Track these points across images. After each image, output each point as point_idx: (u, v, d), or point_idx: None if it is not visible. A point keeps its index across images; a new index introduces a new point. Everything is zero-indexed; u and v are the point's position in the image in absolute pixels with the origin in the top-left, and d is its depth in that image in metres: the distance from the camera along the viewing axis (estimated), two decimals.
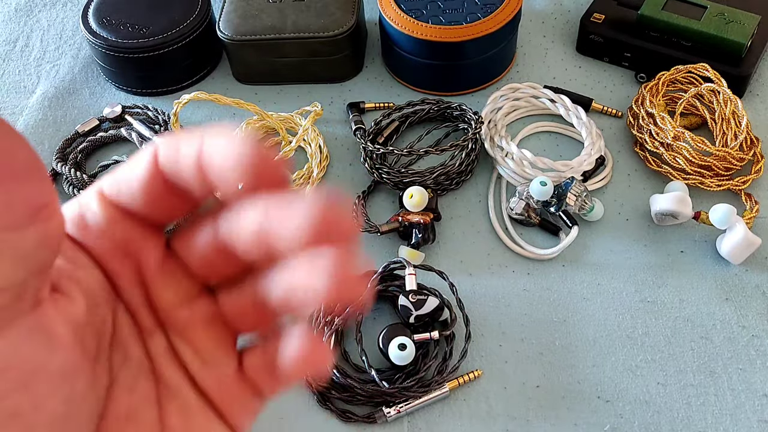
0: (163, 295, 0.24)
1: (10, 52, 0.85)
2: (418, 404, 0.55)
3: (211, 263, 0.24)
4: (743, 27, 0.70)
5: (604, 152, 0.69)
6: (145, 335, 0.24)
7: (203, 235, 0.24)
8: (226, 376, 0.25)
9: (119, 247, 0.23)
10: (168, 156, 0.22)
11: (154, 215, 0.23)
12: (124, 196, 0.23)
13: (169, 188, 0.23)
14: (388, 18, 0.72)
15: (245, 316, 0.25)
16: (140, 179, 0.23)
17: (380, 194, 0.69)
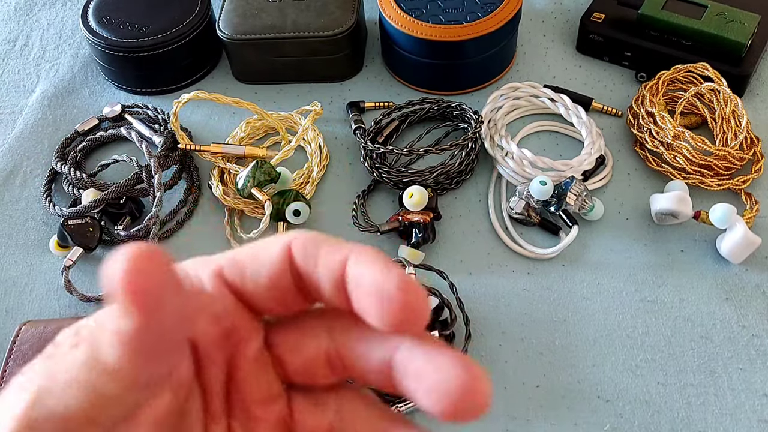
0: (247, 388, 0.24)
1: (10, 51, 0.85)
2: None
3: (313, 370, 0.24)
4: (743, 26, 0.70)
5: (604, 151, 0.69)
6: (209, 419, 0.24)
7: (314, 341, 0.23)
8: None
9: (223, 334, 0.23)
10: (306, 257, 0.22)
11: (271, 309, 0.23)
12: (247, 286, 0.22)
13: (297, 285, 0.22)
14: (387, 17, 0.72)
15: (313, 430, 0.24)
16: (271, 271, 0.22)
17: (380, 194, 0.69)
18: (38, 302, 0.63)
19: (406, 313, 0.20)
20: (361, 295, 0.20)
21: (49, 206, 0.68)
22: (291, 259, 0.22)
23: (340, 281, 0.21)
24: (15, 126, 0.76)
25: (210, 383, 0.23)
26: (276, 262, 0.22)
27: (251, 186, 0.64)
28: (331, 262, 0.21)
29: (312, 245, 0.22)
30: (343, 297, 0.21)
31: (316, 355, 0.23)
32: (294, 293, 0.22)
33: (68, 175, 0.68)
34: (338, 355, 0.23)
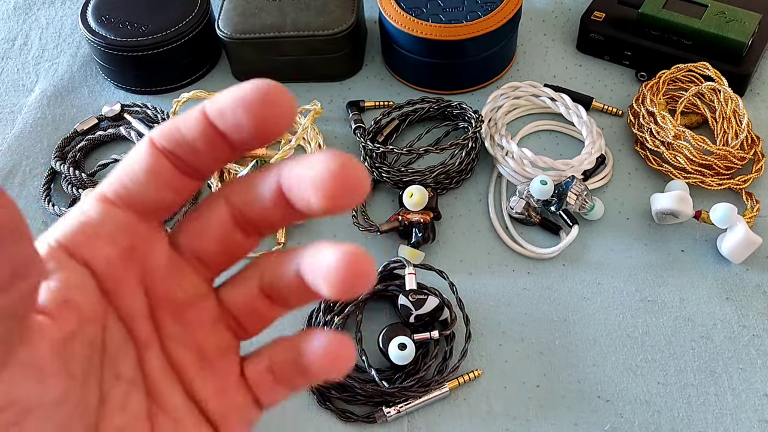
0: (172, 295, 0.24)
1: (9, 51, 0.84)
2: (418, 404, 0.55)
3: (229, 244, 0.24)
4: (744, 26, 0.70)
5: (605, 151, 0.69)
6: (139, 348, 0.24)
7: (214, 215, 0.24)
8: (226, 384, 0.25)
9: (124, 252, 0.23)
10: (168, 130, 0.22)
11: (164, 199, 0.23)
12: (131, 189, 0.23)
13: (174, 166, 0.22)
14: (387, 16, 0.72)
15: (251, 310, 0.25)
16: (145, 165, 0.22)
17: (380, 193, 0.69)
18: None
19: (268, 106, 0.21)
20: (224, 112, 0.21)
21: (49, 206, 0.68)
22: (155, 145, 0.22)
23: (203, 121, 0.21)
24: (14, 125, 0.76)
25: (127, 308, 0.23)
26: (145, 153, 0.22)
27: None
28: (190, 116, 0.22)
29: (169, 122, 0.22)
30: (214, 135, 0.22)
31: (224, 225, 0.24)
32: (176, 174, 0.22)
33: (67, 175, 0.68)
34: (240, 213, 0.23)
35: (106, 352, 0.23)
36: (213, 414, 0.25)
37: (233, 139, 0.21)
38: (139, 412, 0.23)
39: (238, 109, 0.21)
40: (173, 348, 0.24)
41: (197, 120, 0.22)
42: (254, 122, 0.21)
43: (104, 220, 0.23)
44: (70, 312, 0.22)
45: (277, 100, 0.21)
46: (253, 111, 0.21)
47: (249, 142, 0.21)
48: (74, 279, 0.22)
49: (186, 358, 0.24)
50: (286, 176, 0.22)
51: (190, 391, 0.24)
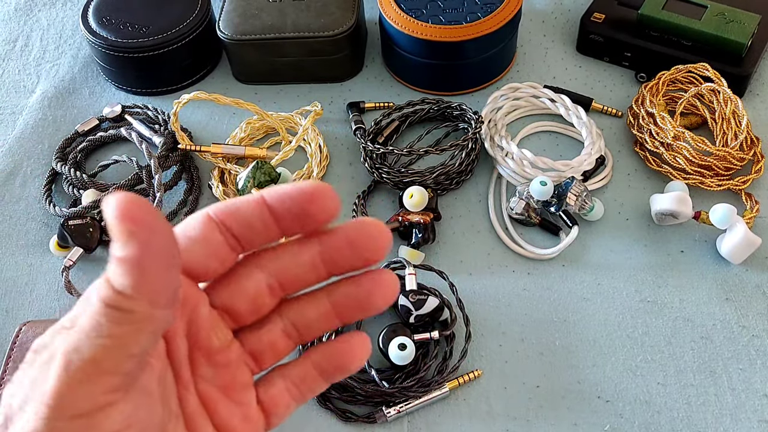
0: (210, 343, 0.27)
1: (10, 52, 0.85)
2: (418, 404, 0.55)
3: (259, 305, 0.28)
4: (743, 26, 0.70)
5: (604, 152, 0.69)
6: (181, 388, 0.27)
7: (251, 280, 0.28)
8: (248, 413, 0.29)
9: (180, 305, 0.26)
10: (227, 207, 0.26)
11: (209, 267, 0.27)
12: (183, 253, 0.26)
13: (224, 238, 0.26)
14: (388, 17, 0.72)
15: (271, 350, 0.29)
16: (200, 235, 0.26)
17: (380, 194, 0.69)
18: (38, 303, 0.63)
19: (321, 200, 0.25)
20: (284, 200, 0.26)
21: (49, 206, 0.68)
22: (212, 218, 0.26)
23: (262, 204, 0.26)
24: (15, 126, 0.77)
25: (176, 354, 0.27)
26: (201, 226, 0.26)
27: (251, 186, 0.64)
28: (249, 199, 0.26)
29: (229, 201, 0.27)
30: (269, 217, 0.26)
31: (258, 290, 0.28)
32: (225, 246, 0.26)
33: (68, 176, 0.68)
34: (275, 279, 0.28)
35: (165, 390, 0.27)
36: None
37: (285, 223, 0.26)
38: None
39: (299, 197, 0.26)
40: (205, 388, 0.28)
41: (257, 202, 0.26)
42: (308, 212, 0.26)
43: None
44: (158, 354, 0.25)
45: (330, 198, 0.26)
46: (310, 202, 0.26)
47: (296, 228, 0.26)
48: None
49: (215, 395, 0.28)
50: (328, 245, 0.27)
51: (219, 423, 0.28)
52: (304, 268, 0.27)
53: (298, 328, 0.29)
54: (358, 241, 0.27)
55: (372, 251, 0.27)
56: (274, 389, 0.29)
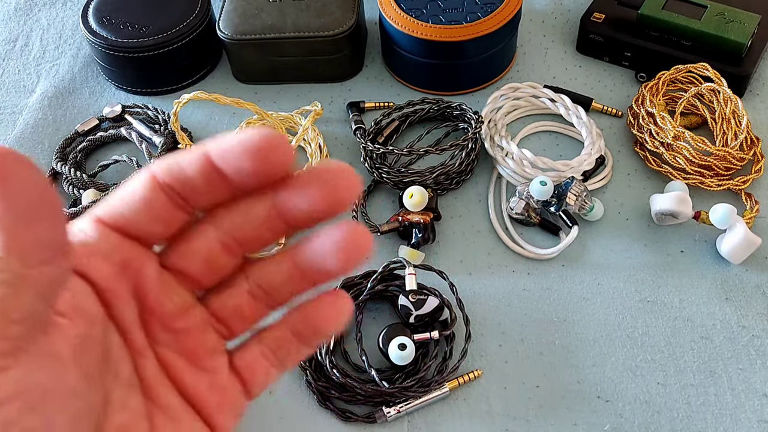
0: (162, 307, 0.25)
1: (10, 52, 0.85)
2: (418, 404, 0.55)
3: (214, 264, 0.26)
4: (743, 26, 0.70)
5: (604, 152, 0.69)
6: (135, 354, 0.25)
7: (203, 239, 0.25)
8: (217, 381, 0.27)
9: (118, 268, 0.25)
10: (169, 167, 0.24)
11: (154, 230, 0.25)
12: (125, 216, 0.24)
13: (170, 200, 0.24)
14: (388, 17, 0.72)
15: (239, 313, 0.27)
16: (142, 196, 0.24)
17: (380, 194, 0.69)
18: None
19: (268, 152, 0.22)
20: (228, 154, 0.23)
21: None
22: (155, 178, 0.24)
23: (205, 161, 0.23)
24: (15, 126, 0.77)
25: (123, 318, 0.25)
26: (144, 186, 0.24)
27: None
28: (192, 155, 0.24)
29: (171, 158, 0.24)
30: (214, 175, 0.23)
31: (210, 248, 0.25)
32: (170, 207, 0.24)
33: (68, 176, 0.68)
34: (229, 236, 0.25)
35: (108, 356, 0.25)
36: (206, 409, 0.27)
37: (233, 180, 0.23)
38: (138, 412, 0.25)
39: (242, 155, 0.23)
40: (165, 354, 0.26)
41: (200, 159, 0.23)
42: (255, 167, 0.23)
43: (99, 239, 0.24)
44: (81, 316, 0.23)
45: (279, 148, 0.23)
46: (256, 156, 0.23)
47: (247, 183, 0.23)
48: (80, 288, 0.24)
49: (177, 362, 0.26)
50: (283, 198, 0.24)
51: (184, 391, 0.26)
52: (259, 223, 0.25)
53: (265, 290, 0.26)
54: (311, 188, 0.24)
55: (329, 198, 0.24)
56: (249, 355, 0.27)
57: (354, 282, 0.61)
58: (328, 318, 0.26)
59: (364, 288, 0.60)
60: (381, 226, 0.63)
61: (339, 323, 0.26)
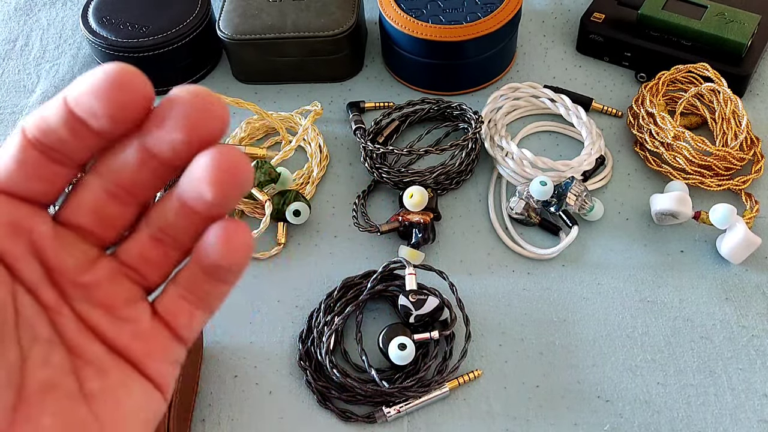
0: (64, 263, 0.25)
1: (10, 52, 0.85)
2: (418, 404, 0.55)
3: (105, 215, 0.25)
4: (743, 27, 0.70)
5: (604, 152, 0.69)
6: (50, 312, 0.25)
7: (88, 190, 0.25)
8: (140, 328, 0.26)
9: (7, 228, 0.24)
10: (36, 119, 0.23)
11: (35, 188, 0.24)
12: (2, 178, 0.24)
13: (44, 155, 0.23)
14: (388, 17, 0.72)
15: (146, 260, 0.26)
16: (13, 155, 0.23)
17: (380, 194, 0.69)
18: None
19: (117, 90, 0.21)
20: (79, 99, 0.21)
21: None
22: (24, 135, 0.23)
23: (64, 109, 0.22)
24: (15, 126, 0.77)
25: (27, 277, 0.24)
26: (13, 145, 0.23)
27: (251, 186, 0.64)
28: (54, 103, 0.22)
29: (38, 110, 0.23)
30: (76, 122, 0.22)
31: (97, 199, 0.25)
32: (47, 163, 0.23)
33: None
34: (114, 185, 0.24)
35: (20, 316, 0.24)
36: (135, 358, 0.26)
37: (92, 125, 0.22)
38: (62, 366, 0.25)
39: (91, 96, 0.21)
40: (81, 308, 0.26)
41: (60, 108, 0.22)
42: (107, 108, 0.21)
43: None
44: None
45: (128, 83, 0.21)
46: (104, 96, 0.21)
47: (109, 128, 0.22)
48: None
49: (95, 315, 0.26)
50: (148, 137, 0.23)
51: (108, 343, 0.26)
52: (136, 167, 0.23)
53: (167, 232, 0.25)
54: (169, 118, 0.22)
55: (188, 124, 0.22)
56: (167, 298, 0.26)
57: (354, 282, 0.61)
58: (222, 247, 0.24)
59: (364, 288, 0.60)
60: (381, 226, 0.63)
61: (235, 252, 0.24)
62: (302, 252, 0.65)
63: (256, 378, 0.58)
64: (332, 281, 0.63)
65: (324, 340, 0.57)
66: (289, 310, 0.61)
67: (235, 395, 0.57)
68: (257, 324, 0.61)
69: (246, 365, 0.58)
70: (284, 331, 0.60)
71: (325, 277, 0.63)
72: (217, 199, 0.23)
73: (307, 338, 0.59)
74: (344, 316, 0.58)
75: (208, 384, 0.58)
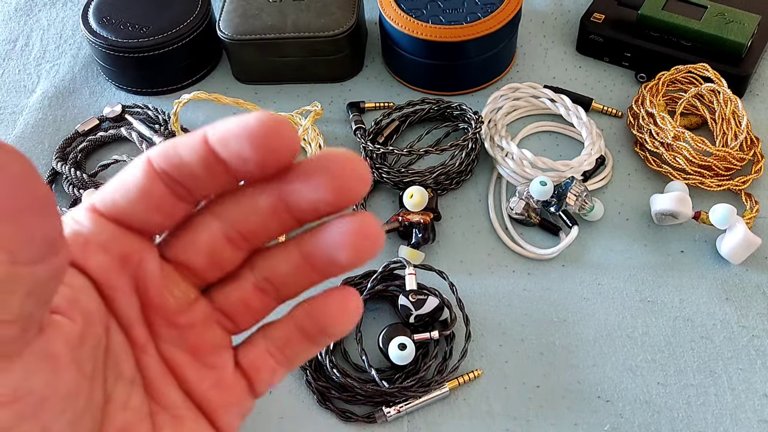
0: (165, 302, 0.24)
1: (10, 52, 0.85)
2: (418, 404, 0.55)
3: (219, 257, 0.24)
4: (743, 27, 0.70)
5: (604, 152, 0.69)
6: (137, 351, 0.24)
7: (205, 231, 0.24)
8: (221, 378, 0.26)
9: (117, 261, 0.23)
10: (166, 154, 0.22)
11: (152, 221, 0.23)
12: (121, 207, 0.23)
13: (169, 189, 0.23)
14: (388, 17, 0.72)
15: (245, 307, 0.25)
16: (138, 185, 0.23)
17: (380, 194, 0.69)
18: None
19: (271, 137, 0.21)
20: (227, 139, 0.21)
21: None
22: (152, 166, 0.22)
23: (204, 147, 0.22)
24: (15, 126, 0.77)
25: (124, 313, 0.24)
26: (141, 174, 0.23)
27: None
28: (190, 140, 0.22)
29: (167, 143, 0.23)
30: (215, 162, 0.22)
31: (214, 241, 0.24)
32: (169, 197, 0.23)
33: (68, 176, 0.68)
34: (233, 229, 0.24)
35: (109, 354, 0.24)
36: (210, 408, 0.26)
37: (234, 167, 0.22)
38: (140, 411, 0.24)
39: (243, 140, 0.21)
40: (168, 350, 0.25)
41: (199, 145, 0.22)
42: (258, 154, 0.21)
43: (95, 230, 0.23)
44: (80, 313, 0.22)
45: (282, 132, 0.21)
46: (258, 142, 0.21)
47: (250, 171, 0.22)
48: (78, 283, 0.23)
49: (181, 359, 0.25)
50: (288, 189, 0.23)
51: (188, 389, 0.25)
52: (264, 215, 0.23)
53: (273, 282, 0.25)
54: (318, 177, 0.22)
55: (336, 188, 0.22)
56: (255, 352, 0.26)
57: (354, 282, 0.61)
58: (335, 316, 0.25)
59: (364, 288, 0.60)
60: (381, 227, 0.63)
61: (346, 323, 0.25)
62: None
63: None
64: (332, 281, 0.63)
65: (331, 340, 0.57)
66: None
67: None
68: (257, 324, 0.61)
69: None
70: None
71: None
72: (349, 263, 0.24)
73: None
74: None
75: None
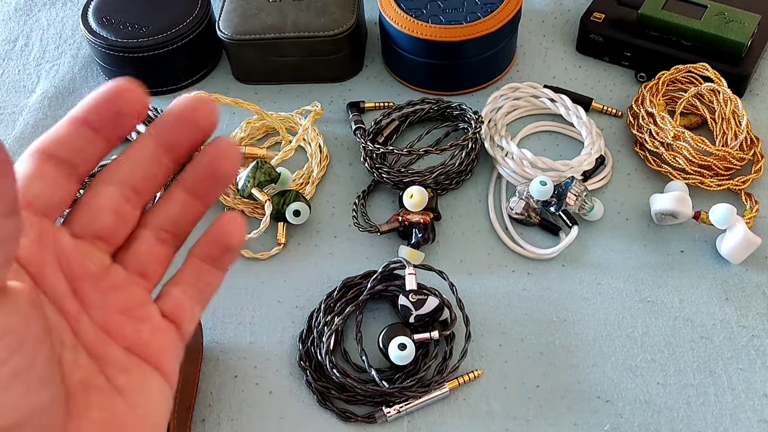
0: (87, 271, 0.27)
1: (10, 52, 0.85)
2: (418, 404, 0.55)
3: (123, 218, 0.27)
4: (743, 26, 0.70)
5: (604, 152, 0.69)
6: (72, 322, 0.26)
7: (104, 195, 0.27)
8: (156, 326, 0.28)
9: (35, 241, 0.25)
10: (48, 135, 0.26)
11: (55, 201, 0.26)
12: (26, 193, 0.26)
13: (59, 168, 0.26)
14: (388, 17, 0.72)
15: (152, 259, 0.28)
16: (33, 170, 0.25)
17: (380, 194, 0.69)
18: None
19: (125, 94, 0.26)
20: (89, 108, 0.26)
21: None
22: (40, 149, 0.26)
23: (73, 119, 0.26)
24: (15, 126, 0.77)
25: (53, 288, 0.26)
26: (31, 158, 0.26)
27: (251, 186, 0.64)
28: (64, 118, 0.26)
29: (51, 129, 0.26)
30: (86, 129, 0.26)
31: (114, 201, 0.27)
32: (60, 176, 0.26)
33: None
34: (126, 186, 0.27)
35: (48, 325, 0.25)
36: (152, 355, 0.28)
37: (105, 131, 0.26)
38: (90, 367, 0.26)
39: (106, 103, 0.26)
40: (99, 315, 0.27)
41: (68, 120, 0.26)
42: (119, 114, 0.26)
43: None
44: (22, 282, 0.24)
45: (132, 94, 0.26)
46: (117, 105, 0.26)
47: (118, 132, 0.26)
48: None
49: (114, 319, 0.27)
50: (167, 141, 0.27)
51: (127, 344, 0.28)
52: (148, 164, 0.27)
53: (168, 229, 0.29)
54: (182, 114, 0.27)
55: (198, 118, 0.27)
56: (173, 298, 0.29)
57: (354, 282, 0.61)
58: (231, 230, 0.29)
59: (364, 288, 0.60)
60: (381, 226, 0.63)
61: (241, 232, 0.29)
62: (302, 252, 0.65)
63: (256, 378, 0.58)
64: (332, 281, 0.63)
65: (324, 340, 0.57)
66: (289, 310, 0.61)
67: (235, 395, 0.57)
68: (257, 324, 0.61)
69: (246, 365, 0.59)
70: (284, 331, 0.60)
71: (325, 277, 0.63)
72: (229, 177, 0.28)
73: (307, 338, 0.59)
74: (344, 316, 0.58)
75: (208, 384, 0.58)
